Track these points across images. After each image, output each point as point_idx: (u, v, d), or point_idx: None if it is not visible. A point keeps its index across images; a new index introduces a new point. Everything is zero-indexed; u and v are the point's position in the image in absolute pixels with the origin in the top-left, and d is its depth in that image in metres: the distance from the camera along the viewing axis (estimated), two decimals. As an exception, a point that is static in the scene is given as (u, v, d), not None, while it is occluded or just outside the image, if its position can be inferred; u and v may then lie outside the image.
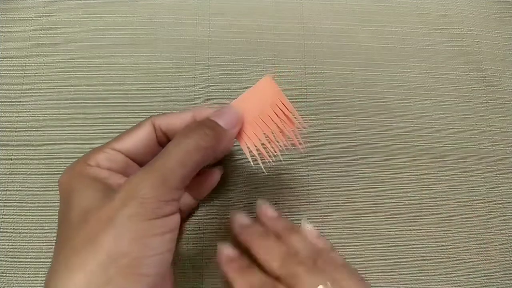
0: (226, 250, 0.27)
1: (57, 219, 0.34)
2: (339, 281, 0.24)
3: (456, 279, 0.34)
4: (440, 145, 0.37)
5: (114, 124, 0.37)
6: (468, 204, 0.36)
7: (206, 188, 0.31)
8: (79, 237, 0.21)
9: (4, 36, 0.39)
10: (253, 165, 0.27)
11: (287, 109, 0.28)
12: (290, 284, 0.24)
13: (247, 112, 0.27)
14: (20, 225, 0.34)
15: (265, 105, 0.28)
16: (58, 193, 0.24)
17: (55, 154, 0.36)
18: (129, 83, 0.38)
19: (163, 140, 0.27)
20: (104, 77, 0.38)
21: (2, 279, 0.32)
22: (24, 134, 0.36)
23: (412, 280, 0.34)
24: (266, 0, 0.41)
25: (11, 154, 0.35)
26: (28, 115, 0.37)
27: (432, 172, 0.37)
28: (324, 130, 0.37)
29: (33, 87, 0.37)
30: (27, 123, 0.36)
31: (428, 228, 0.35)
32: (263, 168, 0.28)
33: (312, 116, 0.38)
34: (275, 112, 0.28)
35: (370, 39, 0.40)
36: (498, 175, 0.37)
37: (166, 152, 0.23)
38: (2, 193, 0.34)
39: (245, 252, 0.27)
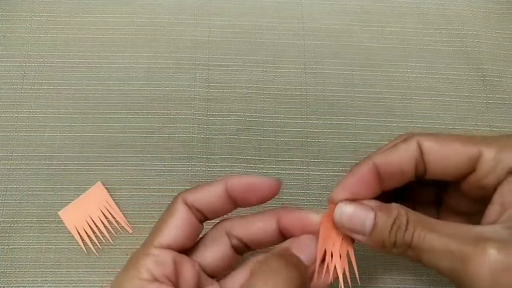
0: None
1: (57, 219, 0.34)
2: None
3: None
4: (440, 145, 0.37)
5: (114, 124, 0.37)
6: (468, 204, 0.36)
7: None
8: None
9: (4, 36, 0.39)
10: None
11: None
12: None
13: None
14: (20, 225, 0.33)
15: None
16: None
17: (55, 154, 0.35)
18: (129, 83, 0.38)
19: (201, 218, 0.25)
20: (104, 77, 0.38)
21: (2, 279, 0.32)
22: (24, 134, 0.36)
23: (412, 280, 0.34)
24: (266, 0, 0.41)
25: (11, 154, 0.35)
26: (28, 115, 0.37)
27: (432, 172, 0.36)
28: (324, 130, 0.37)
29: (33, 87, 0.37)
30: (27, 123, 0.36)
31: (428, 228, 0.35)
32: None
33: (312, 116, 0.38)
34: None
35: (370, 39, 0.40)
36: (498, 175, 0.37)
37: None
38: (2, 193, 0.34)
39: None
